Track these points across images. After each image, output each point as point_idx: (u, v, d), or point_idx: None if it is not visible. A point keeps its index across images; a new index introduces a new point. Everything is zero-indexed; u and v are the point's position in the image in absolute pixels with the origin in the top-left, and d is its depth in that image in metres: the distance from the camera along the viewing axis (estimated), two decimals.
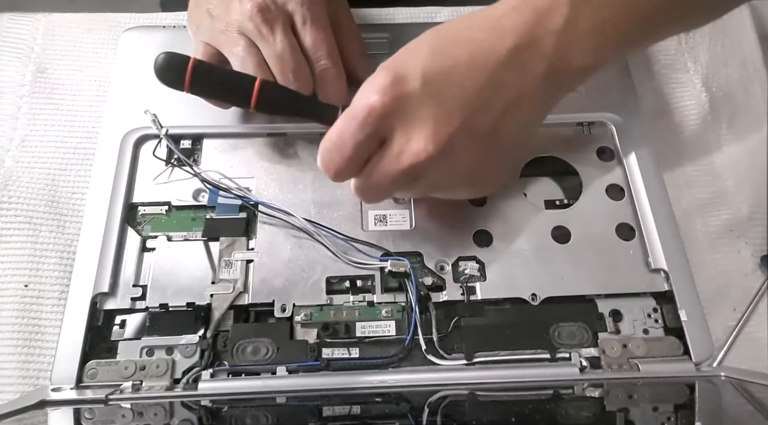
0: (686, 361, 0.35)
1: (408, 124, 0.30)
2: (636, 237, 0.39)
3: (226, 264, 0.37)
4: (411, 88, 0.30)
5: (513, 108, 0.31)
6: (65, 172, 0.41)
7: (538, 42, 0.30)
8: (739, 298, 0.39)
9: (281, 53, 0.37)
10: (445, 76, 0.30)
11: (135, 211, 0.39)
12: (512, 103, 0.31)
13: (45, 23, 0.47)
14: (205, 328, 0.35)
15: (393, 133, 0.31)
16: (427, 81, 0.30)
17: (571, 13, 0.30)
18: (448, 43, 0.31)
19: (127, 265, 0.37)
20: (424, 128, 0.30)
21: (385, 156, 0.31)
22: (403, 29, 0.47)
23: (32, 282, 0.37)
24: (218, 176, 0.39)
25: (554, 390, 0.35)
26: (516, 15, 0.30)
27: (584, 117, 0.43)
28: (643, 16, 0.31)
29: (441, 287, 0.37)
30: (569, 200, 0.40)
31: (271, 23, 0.36)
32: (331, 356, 0.35)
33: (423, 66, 0.30)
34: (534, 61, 0.30)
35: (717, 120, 0.45)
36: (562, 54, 0.30)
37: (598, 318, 0.37)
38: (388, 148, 0.31)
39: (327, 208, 0.39)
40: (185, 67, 0.33)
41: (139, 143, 0.41)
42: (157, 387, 0.33)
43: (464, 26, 0.32)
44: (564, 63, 0.31)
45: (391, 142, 0.31)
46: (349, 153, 0.31)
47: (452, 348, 0.35)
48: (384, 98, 0.30)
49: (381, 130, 0.31)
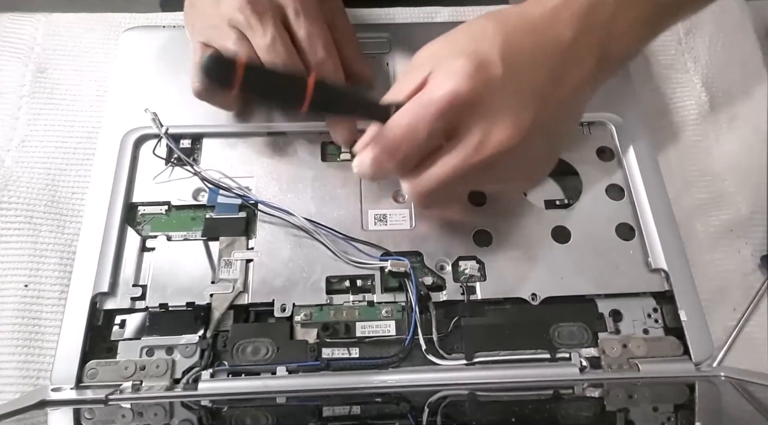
0: (686, 361, 0.35)
1: (491, 112, 0.29)
2: (636, 237, 0.39)
3: (225, 263, 0.37)
4: (495, 75, 0.29)
5: (575, 96, 0.32)
6: (65, 172, 0.41)
7: (590, 33, 0.31)
8: (739, 298, 0.39)
9: (271, 44, 0.36)
10: (522, 65, 0.30)
11: (135, 210, 0.39)
12: (572, 96, 0.31)
13: (45, 23, 0.47)
14: (205, 328, 0.35)
15: (472, 122, 0.30)
16: (507, 68, 0.29)
17: (617, 4, 0.31)
18: (514, 29, 0.30)
19: (127, 265, 0.37)
20: (508, 116, 0.29)
21: (461, 146, 0.30)
22: (403, 29, 0.47)
23: (32, 282, 0.37)
24: (218, 175, 0.39)
25: (554, 390, 0.35)
26: (570, 5, 0.31)
27: (584, 117, 0.43)
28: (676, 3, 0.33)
29: (441, 287, 0.37)
30: (569, 200, 0.40)
31: (261, 15, 0.36)
32: (331, 356, 0.35)
33: (501, 52, 0.29)
34: (588, 51, 0.31)
35: (717, 120, 0.45)
36: (610, 44, 0.31)
37: (598, 318, 0.37)
38: (465, 138, 0.30)
39: (327, 208, 0.39)
40: (235, 66, 0.31)
41: (139, 143, 0.41)
42: (157, 387, 0.33)
43: (522, 13, 0.31)
44: (612, 52, 0.31)
45: (469, 131, 0.30)
46: (421, 140, 0.30)
47: (452, 348, 0.35)
48: (470, 81, 0.29)
49: (460, 117, 0.29)
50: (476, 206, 0.39)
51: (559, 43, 0.30)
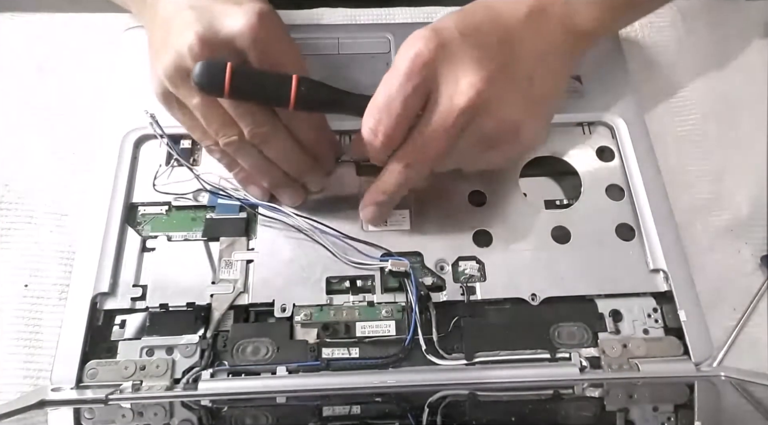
0: (686, 361, 0.35)
1: (453, 67, 0.31)
2: (636, 237, 0.39)
3: (226, 264, 0.37)
4: (450, 36, 0.32)
5: (541, 61, 0.34)
6: (65, 172, 0.41)
7: (548, 9, 0.35)
8: (739, 298, 0.39)
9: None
10: (475, 30, 0.32)
11: (135, 211, 0.39)
12: (540, 55, 0.34)
13: (45, 23, 0.47)
14: (205, 328, 0.35)
15: (439, 81, 0.32)
16: (461, 32, 0.32)
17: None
18: (473, 9, 0.34)
19: (127, 265, 0.37)
20: (469, 66, 0.31)
21: (435, 107, 0.32)
22: (403, 29, 0.46)
23: (32, 282, 0.38)
24: (218, 177, 0.39)
25: (554, 390, 0.35)
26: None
27: (584, 117, 0.43)
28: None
29: (441, 287, 0.37)
30: (569, 200, 0.40)
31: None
32: (331, 356, 0.35)
33: (455, 22, 0.32)
34: (549, 23, 0.35)
35: (717, 120, 0.45)
36: (569, 19, 0.35)
37: (598, 318, 0.37)
38: (437, 97, 0.32)
39: (327, 208, 0.39)
40: (224, 73, 0.31)
41: (139, 143, 0.41)
42: (157, 387, 0.33)
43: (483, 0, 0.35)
44: (574, 26, 0.35)
45: (439, 91, 0.32)
46: (398, 109, 0.31)
47: (452, 348, 0.35)
48: (428, 44, 0.31)
49: (427, 79, 0.31)
50: (476, 206, 0.40)
51: (515, 15, 0.34)
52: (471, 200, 0.40)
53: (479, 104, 0.31)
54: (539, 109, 0.35)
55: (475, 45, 0.32)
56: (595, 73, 0.44)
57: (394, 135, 0.32)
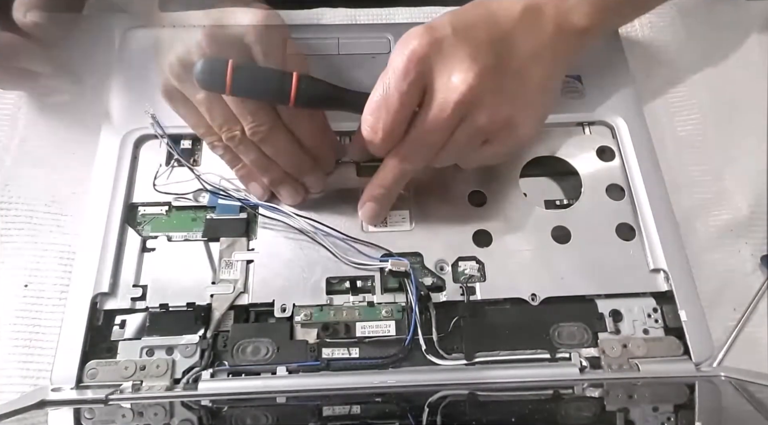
0: (686, 361, 0.35)
1: (447, 63, 0.32)
2: (636, 237, 0.39)
3: (226, 264, 0.37)
4: (444, 33, 0.32)
5: (535, 57, 0.35)
6: (65, 172, 0.41)
7: (542, 7, 0.35)
8: (739, 298, 0.39)
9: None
10: (469, 27, 0.33)
11: (135, 211, 0.39)
12: (533, 53, 0.35)
13: None
14: (205, 328, 0.35)
15: (434, 76, 0.32)
16: (455, 29, 0.33)
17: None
18: (468, 8, 0.35)
19: (127, 265, 0.37)
20: (462, 62, 0.32)
21: (430, 102, 0.32)
22: (403, 29, 0.45)
23: (32, 282, 0.37)
24: (218, 177, 0.39)
25: (554, 390, 0.35)
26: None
27: (584, 117, 0.43)
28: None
29: (441, 287, 0.37)
30: (569, 200, 0.40)
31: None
32: (331, 356, 0.35)
33: (449, 20, 0.33)
34: (542, 21, 0.35)
35: (717, 119, 0.45)
36: (564, 17, 0.36)
37: (598, 318, 0.37)
38: (432, 92, 0.33)
39: (327, 208, 0.39)
40: (225, 70, 0.32)
41: (139, 143, 0.41)
42: (157, 387, 0.33)
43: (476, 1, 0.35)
44: (568, 24, 0.36)
45: (434, 87, 0.32)
46: (396, 106, 0.32)
47: (452, 348, 0.35)
48: (422, 41, 0.32)
49: (422, 75, 0.32)
50: (476, 206, 0.40)
51: (510, 13, 0.34)
52: (471, 200, 0.40)
53: (472, 99, 0.32)
54: (532, 104, 0.36)
55: (468, 41, 0.33)
56: (595, 73, 0.44)
57: (393, 131, 0.33)
